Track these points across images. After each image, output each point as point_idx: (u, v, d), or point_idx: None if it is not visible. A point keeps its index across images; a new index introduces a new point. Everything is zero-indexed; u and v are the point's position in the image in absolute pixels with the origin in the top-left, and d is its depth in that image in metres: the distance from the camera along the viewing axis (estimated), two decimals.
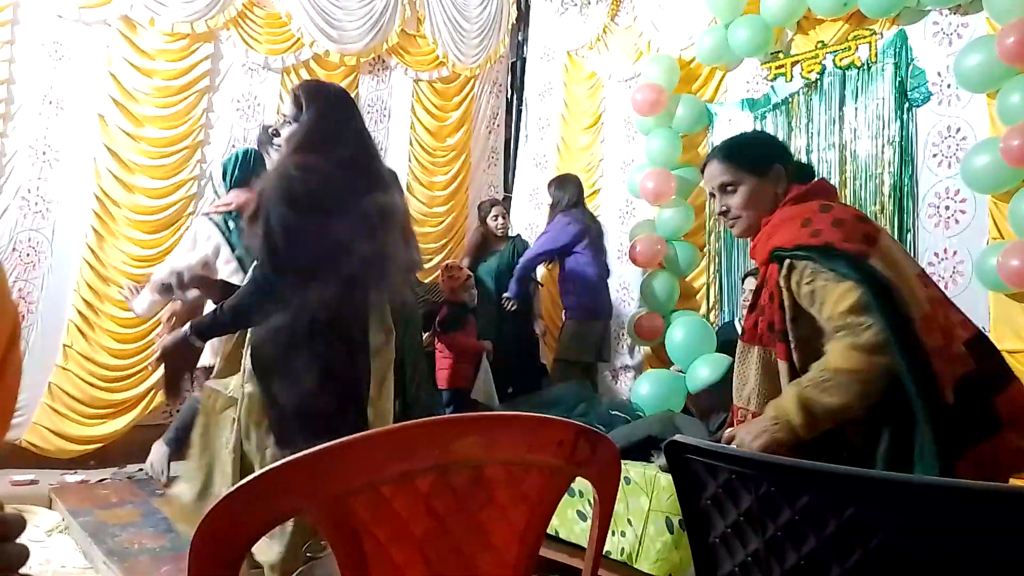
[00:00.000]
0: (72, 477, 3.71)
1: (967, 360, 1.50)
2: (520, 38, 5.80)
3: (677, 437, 1.05)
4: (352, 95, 4.74)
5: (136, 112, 4.06)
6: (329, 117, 1.94)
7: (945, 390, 1.45)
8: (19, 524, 0.50)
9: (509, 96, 5.86)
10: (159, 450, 3.57)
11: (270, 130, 2.30)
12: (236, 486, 0.79)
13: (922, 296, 1.53)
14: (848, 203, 3.73)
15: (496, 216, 4.53)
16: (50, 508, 3.39)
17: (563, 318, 4.26)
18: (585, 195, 4.39)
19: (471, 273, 3.98)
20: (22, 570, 0.50)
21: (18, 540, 0.51)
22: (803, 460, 1.02)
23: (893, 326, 1.44)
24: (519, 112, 5.81)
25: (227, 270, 2.73)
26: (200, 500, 1.97)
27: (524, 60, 5.80)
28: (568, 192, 4.20)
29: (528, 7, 5.73)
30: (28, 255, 3.83)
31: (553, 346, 4.56)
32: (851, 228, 1.55)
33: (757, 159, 1.75)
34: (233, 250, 2.73)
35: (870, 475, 0.94)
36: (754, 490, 0.97)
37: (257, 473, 0.80)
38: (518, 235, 4.74)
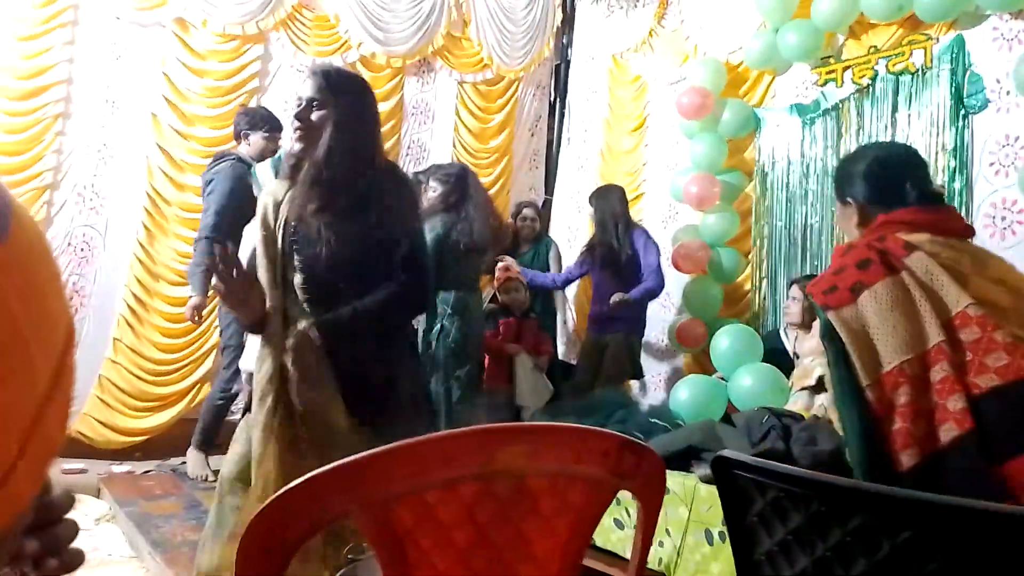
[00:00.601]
0: (119, 468, 3.80)
1: (964, 418, 1.29)
2: (564, 41, 5.79)
3: (724, 452, 1.04)
4: (398, 97, 4.86)
5: (187, 111, 4.16)
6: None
7: (899, 453, 1.29)
8: (67, 503, 0.51)
9: (552, 99, 5.85)
10: (194, 457, 3.69)
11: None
12: (284, 489, 0.80)
13: (912, 343, 1.37)
14: None
15: (524, 217, 4.51)
16: (98, 497, 3.48)
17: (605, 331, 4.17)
18: (628, 201, 4.33)
19: (519, 276, 3.97)
20: (72, 545, 0.51)
21: (67, 516, 0.53)
22: (857, 480, 1.00)
23: (845, 384, 1.40)
24: (562, 115, 5.80)
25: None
26: None
27: (568, 63, 5.79)
28: (607, 209, 4.10)
29: (573, 9, 5.71)
30: (82, 250, 3.94)
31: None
32: (845, 276, 1.46)
33: (841, 184, 1.67)
34: None
35: (927, 499, 0.92)
36: (804, 508, 0.95)
37: (305, 477, 0.81)
38: (548, 238, 4.72)
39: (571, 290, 4.89)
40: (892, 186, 1.58)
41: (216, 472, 3.63)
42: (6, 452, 0.34)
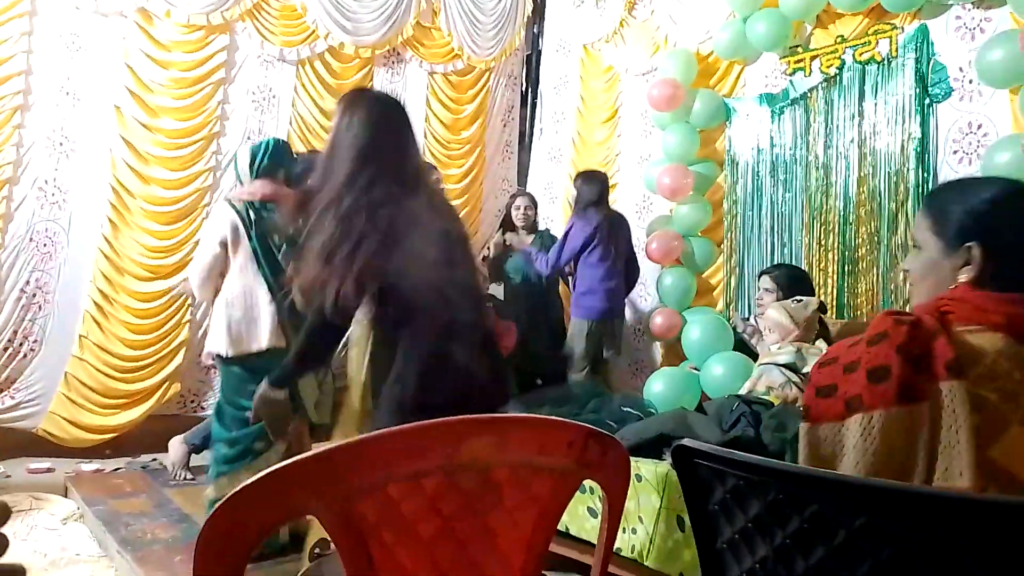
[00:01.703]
0: (87, 466, 3.75)
1: None
2: (536, 31, 5.77)
3: (684, 441, 1.04)
4: (368, 87, 4.82)
5: (152, 103, 4.08)
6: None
7: None
8: (3, 513, 0.49)
9: (524, 89, 5.83)
10: (179, 449, 3.62)
11: None
12: (243, 484, 0.79)
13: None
14: (866, 200, 3.70)
15: (519, 207, 4.57)
16: (66, 496, 3.42)
17: (580, 315, 4.21)
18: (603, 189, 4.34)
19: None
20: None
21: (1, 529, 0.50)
22: (812, 468, 1.01)
23: None
24: (534, 105, 5.79)
25: (241, 259, 2.72)
26: None
27: (540, 53, 5.77)
28: (590, 190, 4.16)
29: (544, 0, 5.69)
30: (45, 245, 3.86)
31: None
32: (852, 380, 1.12)
33: (950, 214, 1.21)
34: (250, 240, 2.72)
35: (881, 485, 0.93)
36: (763, 497, 0.96)
37: (265, 472, 0.80)
38: (546, 229, 4.74)
39: None
40: (1017, 251, 1.15)
41: (195, 474, 3.59)
42: None
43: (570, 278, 4.39)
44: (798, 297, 3.18)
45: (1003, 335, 1.08)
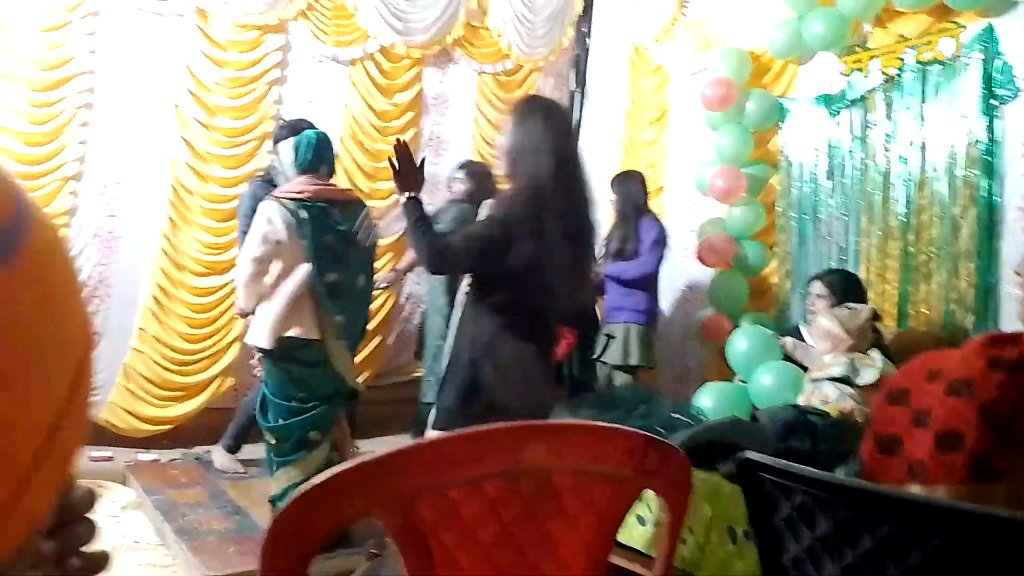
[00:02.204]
0: (145, 456, 3.86)
1: None
2: (584, 30, 5.74)
3: (749, 454, 1.02)
4: (417, 88, 4.86)
5: (209, 102, 4.18)
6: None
7: None
8: (87, 503, 0.50)
9: (572, 89, 5.80)
10: (222, 457, 3.76)
11: None
12: (306, 487, 0.80)
13: None
14: (927, 207, 3.58)
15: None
16: (125, 484, 3.53)
17: (616, 320, 4.13)
18: (648, 191, 4.29)
19: None
20: (88, 548, 0.50)
21: (88, 515, 0.51)
22: (884, 487, 0.98)
23: None
24: (581, 105, 5.75)
25: (290, 257, 2.74)
26: None
27: (588, 52, 5.74)
28: (644, 191, 4.11)
29: None
30: (107, 241, 3.99)
31: None
32: (919, 438, 0.99)
33: None
34: (302, 238, 2.73)
35: (958, 507, 0.89)
36: (831, 514, 0.93)
37: (327, 474, 0.81)
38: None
39: None
40: None
41: (246, 467, 3.72)
42: (21, 466, 0.33)
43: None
44: (849, 304, 3.10)
45: None
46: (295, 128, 3.63)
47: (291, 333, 2.71)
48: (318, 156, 2.84)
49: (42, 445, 0.34)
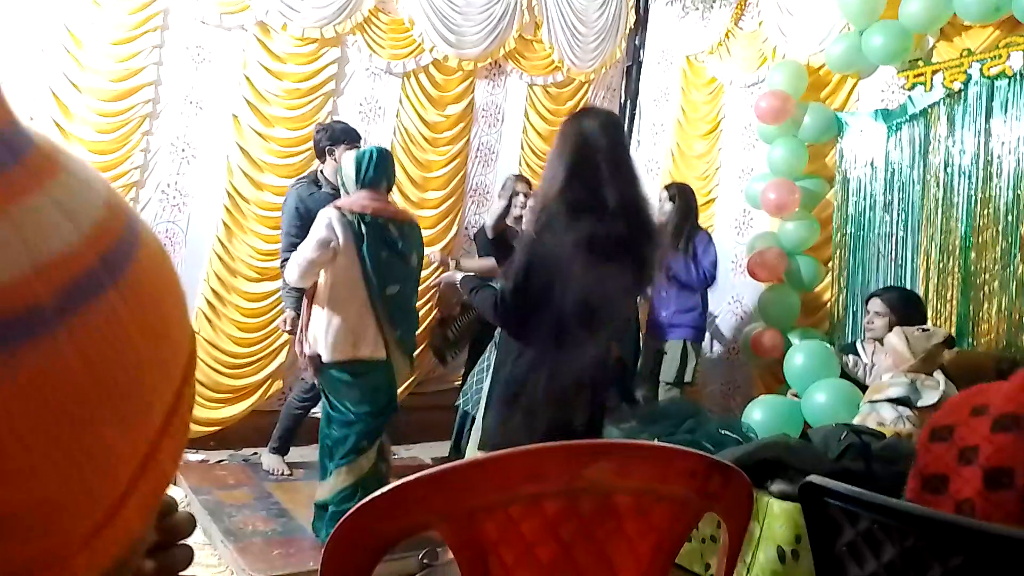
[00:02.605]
0: (194, 456, 3.94)
1: None
2: (637, 42, 5.72)
3: (812, 479, 0.99)
4: (468, 99, 4.89)
5: (267, 113, 4.27)
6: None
7: None
8: (187, 527, 0.51)
9: (623, 101, 5.78)
10: (271, 458, 3.82)
11: None
12: (370, 497, 0.80)
13: None
14: (991, 225, 3.46)
15: (517, 193, 4.24)
16: (175, 484, 3.61)
17: (666, 336, 4.11)
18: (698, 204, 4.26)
19: None
20: (184, 572, 0.51)
21: (186, 540, 0.52)
22: (959, 516, 0.94)
23: None
24: (632, 117, 5.73)
25: (347, 268, 2.78)
26: None
27: (640, 64, 5.71)
28: (693, 205, 4.09)
29: (647, 11, 5.64)
30: (165, 245, 4.05)
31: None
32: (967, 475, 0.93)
33: None
34: (359, 250, 2.77)
35: None
36: (899, 542, 0.90)
37: (391, 486, 0.81)
38: None
39: None
40: None
41: (291, 469, 3.77)
42: (116, 488, 0.33)
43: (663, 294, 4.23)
44: (926, 326, 3.01)
45: None
46: (332, 132, 3.72)
47: (362, 355, 2.79)
48: (380, 172, 2.89)
49: (139, 467, 0.34)
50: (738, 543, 1.00)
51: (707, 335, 4.37)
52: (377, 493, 0.80)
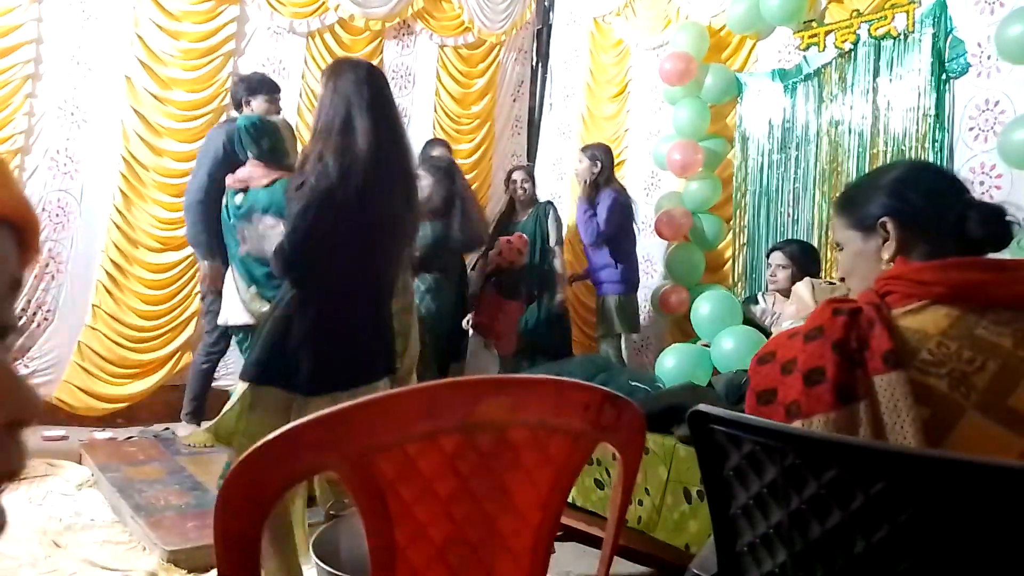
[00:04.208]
0: (101, 434, 3.79)
1: None
2: (546, 4, 5.71)
3: (700, 407, 1.05)
4: (377, 61, 4.79)
5: (163, 74, 4.07)
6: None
7: None
8: None
9: (534, 63, 5.79)
10: (186, 428, 3.71)
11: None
12: (265, 439, 0.80)
13: None
14: None
15: (515, 180, 4.43)
16: (80, 463, 3.47)
17: (598, 292, 4.23)
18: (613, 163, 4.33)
19: (523, 255, 4.05)
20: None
21: None
22: (831, 433, 1.01)
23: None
24: (544, 80, 5.74)
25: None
26: None
27: (550, 27, 5.72)
28: (612, 162, 4.18)
29: None
30: (57, 215, 3.88)
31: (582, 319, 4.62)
32: (790, 382, 1.06)
33: (860, 201, 1.21)
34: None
35: (900, 450, 0.93)
36: (779, 462, 0.97)
37: (283, 429, 0.80)
38: (548, 202, 4.63)
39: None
40: (931, 209, 1.13)
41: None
42: None
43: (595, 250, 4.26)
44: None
45: (948, 309, 1.01)
46: (249, 82, 3.61)
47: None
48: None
49: None
50: (632, 473, 1.04)
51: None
52: (269, 437, 0.80)
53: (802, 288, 3.12)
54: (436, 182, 3.61)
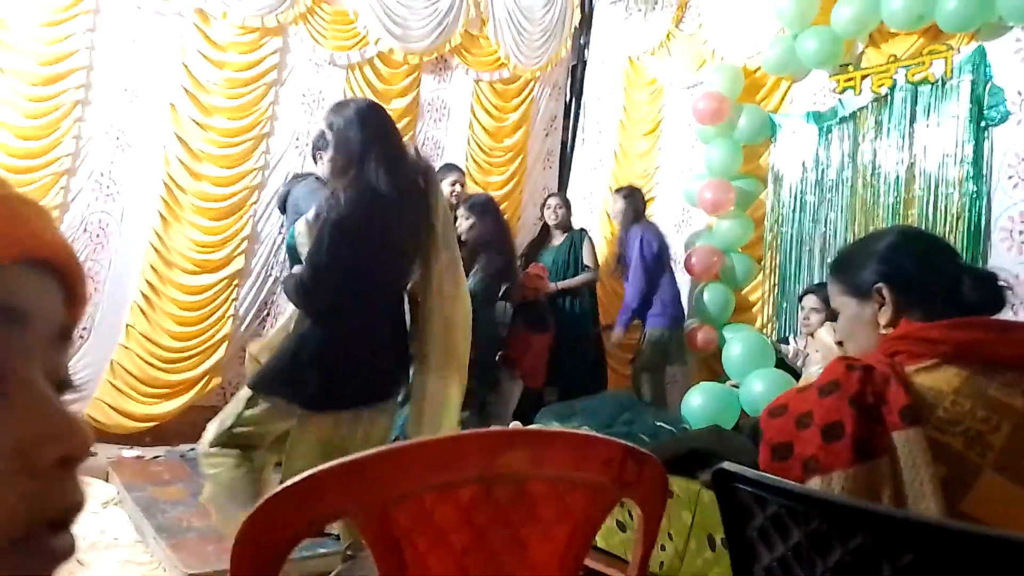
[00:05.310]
0: (128, 452, 3.84)
1: None
2: (582, 41, 5.78)
3: (725, 465, 1.03)
4: (414, 94, 4.87)
5: (206, 102, 4.18)
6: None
7: None
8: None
9: (568, 99, 5.84)
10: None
11: None
12: (280, 487, 0.80)
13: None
14: (916, 224, 3.61)
15: (550, 207, 4.56)
16: (107, 481, 3.51)
17: (644, 326, 4.24)
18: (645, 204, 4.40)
19: (546, 287, 4.18)
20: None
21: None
22: (858, 499, 0.99)
23: None
24: (577, 115, 5.78)
25: None
26: None
27: (585, 63, 5.77)
28: (643, 203, 4.24)
29: (592, 10, 5.70)
30: (97, 236, 3.98)
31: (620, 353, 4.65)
32: (807, 437, 1.05)
33: (853, 267, 1.22)
34: None
35: (930, 521, 0.91)
36: (804, 525, 0.95)
37: (302, 475, 0.81)
38: (581, 229, 4.64)
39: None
40: (925, 275, 1.15)
41: None
42: None
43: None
44: None
45: (958, 368, 1.01)
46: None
47: None
48: None
49: None
50: (654, 529, 1.03)
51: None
52: (289, 483, 0.80)
53: (823, 335, 3.07)
54: (481, 219, 3.74)
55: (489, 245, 3.68)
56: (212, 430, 2.23)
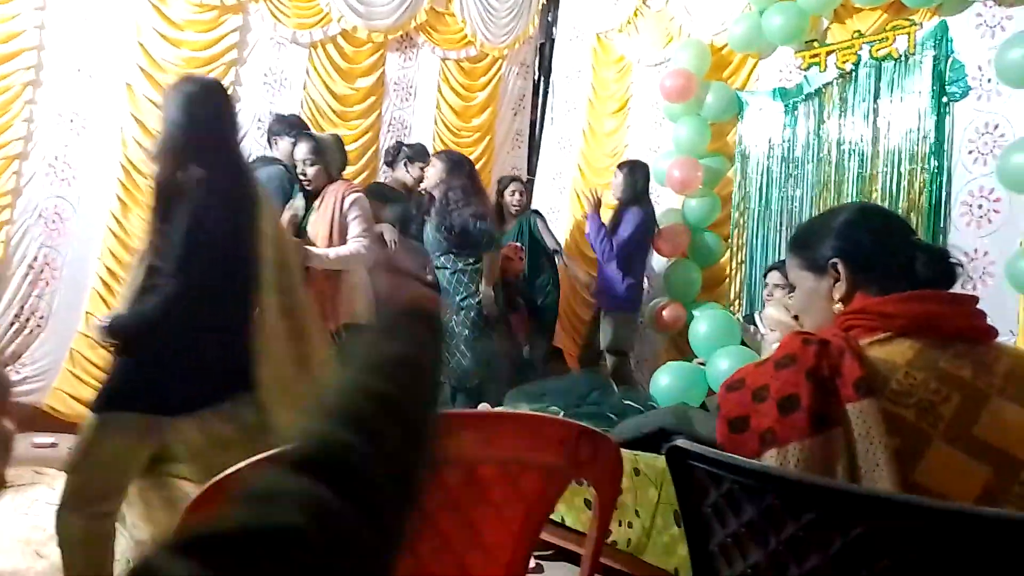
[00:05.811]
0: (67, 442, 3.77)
1: None
2: (549, 18, 5.72)
3: (678, 442, 1.03)
4: (379, 73, 4.79)
5: (163, 82, 4.05)
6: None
7: None
8: None
9: (536, 78, 5.79)
10: None
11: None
12: (226, 472, 0.78)
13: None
14: (879, 200, 3.64)
15: (513, 192, 4.45)
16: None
17: (602, 307, 4.21)
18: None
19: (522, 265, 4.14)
20: None
21: None
22: (810, 475, 0.99)
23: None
24: (545, 94, 5.74)
25: None
26: None
27: (553, 41, 5.72)
28: (643, 179, 4.15)
29: None
30: (53, 222, 3.87)
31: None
32: (764, 410, 1.06)
33: (810, 242, 1.23)
34: None
35: (880, 495, 0.91)
36: (758, 501, 0.95)
37: (247, 461, 0.79)
38: (534, 211, 4.60)
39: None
40: (880, 251, 1.16)
41: None
42: None
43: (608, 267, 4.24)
44: None
45: (912, 341, 1.03)
46: (291, 124, 3.70)
47: None
48: None
49: None
50: (609, 506, 1.02)
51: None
52: (232, 470, 0.78)
53: (773, 312, 3.09)
54: (457, 172, 3.70)
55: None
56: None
